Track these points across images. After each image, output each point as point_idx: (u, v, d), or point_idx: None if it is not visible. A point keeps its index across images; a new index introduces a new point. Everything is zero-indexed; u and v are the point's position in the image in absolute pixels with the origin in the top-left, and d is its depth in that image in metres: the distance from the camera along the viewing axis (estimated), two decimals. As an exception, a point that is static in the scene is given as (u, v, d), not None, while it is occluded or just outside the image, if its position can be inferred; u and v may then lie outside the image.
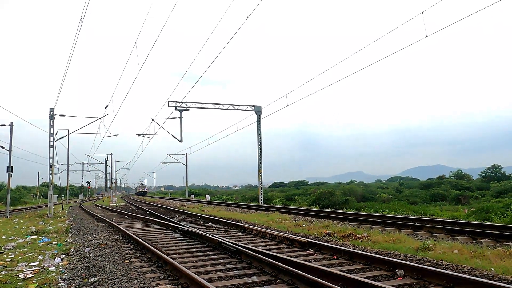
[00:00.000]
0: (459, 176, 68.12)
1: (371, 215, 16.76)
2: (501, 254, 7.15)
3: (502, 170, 64.72)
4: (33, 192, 74.52)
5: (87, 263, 7.95)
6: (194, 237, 10.98)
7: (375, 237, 9.82)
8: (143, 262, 7.79)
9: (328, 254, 8.00)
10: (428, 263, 6.78)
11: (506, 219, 15.44)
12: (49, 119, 26.46)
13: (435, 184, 56.17)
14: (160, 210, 25.83)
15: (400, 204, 32.21)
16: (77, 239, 12.18)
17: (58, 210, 31.88)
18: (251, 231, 12.01)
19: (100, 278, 6.52)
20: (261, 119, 35.01)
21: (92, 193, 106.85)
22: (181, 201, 42.68)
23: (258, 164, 35.09)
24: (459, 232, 10.59)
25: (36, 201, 62.53)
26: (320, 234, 10.94)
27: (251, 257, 7.23)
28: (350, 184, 66.66)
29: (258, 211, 22.01)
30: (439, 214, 22.33)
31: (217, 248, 8.98)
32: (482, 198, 40.44)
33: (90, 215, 23.72)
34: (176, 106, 31.34)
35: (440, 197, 44.76)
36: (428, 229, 11.48)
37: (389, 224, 13.01)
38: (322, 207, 33.98)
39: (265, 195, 39.74)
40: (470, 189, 50.54)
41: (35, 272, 7.53)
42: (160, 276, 6.50)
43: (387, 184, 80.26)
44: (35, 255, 9.47)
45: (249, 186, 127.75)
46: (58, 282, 6.55)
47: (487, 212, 19.75)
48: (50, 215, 25.38)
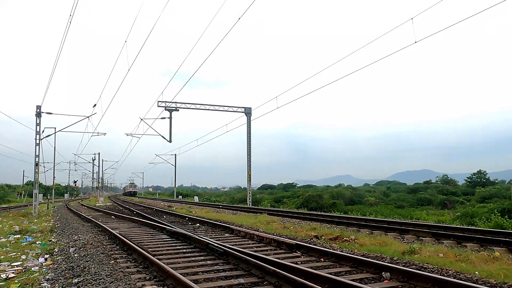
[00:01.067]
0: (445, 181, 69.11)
1: (358, 218, 16.86)
2: (485, 258, 7.25)
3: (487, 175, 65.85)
4: (18, 191, 73.20)
5: (72, 263, 7.83)
6: (181, 238, 10.89)
7: (362, 240, 9.87)
8: (129, 263, 7.70)
9: (315, 256, 8.01)
10: (414, 266, 6.84)
11: (491, 224, 15.67)
12: (36, 117, 26.06)
13: (421, 189, 56.87)
14: (148, 211, 25.59)
15: (387, 208, 32.51)
16: (62, 239, 11.99)
17: (43, 210, 31.35)
18: (238, 233, 11.98)
19: (85, 278, 6.42)
20: (251, 121, 35.03)
21: (79, 193, 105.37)
22: (169, 202, 42.35)
23: (247, 165, 35.08)
24: (445, 236, 10.71)
25: (20, 200, 61.39)
26: (308, 237, 10.96)
27: (238, 259, 7.20)
28: (338, 188, 67.02)
29: (246, 212, 21.97)
30: (425, 218, 22.56)
31: (204, 249, 8.92)
32: (467, 203, 41.03)
33: (76, 214, 23.38)
34: (166, 106, 31.15)
35: (426, 202, 45.30)
36: (414, 232, 11.60)
37: (376, 227, 13.10)
38: (310, 209, 34.09)
39: (253, 197, 39.70)
40: (456, 194, 51.26)
41: (18, 272, 7.38)
42: (146, 277, 6.43)
43: (375, 188, 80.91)
44: (18, 255, 9.29)
45: (238, 188, 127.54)
46: (41, 282, 6.43)
47: (472, 217, 20.04)
48: (34, 214, 24.95)
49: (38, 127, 26.14)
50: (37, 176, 26.80)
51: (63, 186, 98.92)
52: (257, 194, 53.55)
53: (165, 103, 31.04)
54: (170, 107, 31.31)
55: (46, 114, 26.93)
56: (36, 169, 26.40)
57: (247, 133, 34.93)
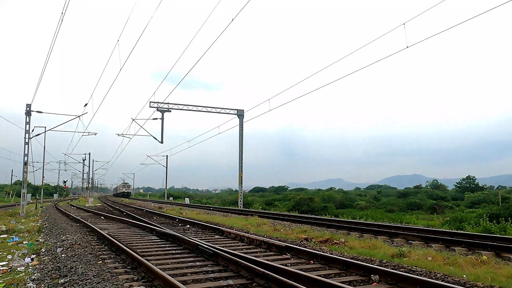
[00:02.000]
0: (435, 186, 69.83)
1: (348, 222, 16.91)
2: (473, 261, 7.31)
3: (476, 181, 66.65)
4: (6, 190, 72.17)
5: (58, 263, 7.72)
6: (170, 239, 10.81)
7: (352, 243, 9.89)
8: (117, 263, 7.61)
9: (305, 258, 8.00)
10: (403, 269, 6.87)
11: (479, 228, 15.83)
12: (26, 115, 25.74)
13: (411, 193, 57.36)
14: (138, 212, 25.39)
15: (378, 211, 32.71)
16: (50, 239, 11.82)
17: (31, 209, 30.95)
18: (229, 235, 11.93)
19: (71, 278, 6.32)
20: (243, 123, 34.98)
21: (68, 193, 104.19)
22: (159, 203, 42.09)
23: (239, 168, 35.01)
24: (434, 239, 10.78)
25: (8, 200, 60.54)
26: (298, 239, 10.95)
27: (228, 260, 7.16)
28: (329, 191, 67.29)
29: (237, 215, 21.93)
30: (415, 222, 22.74)
31: (194, 250, 8.86)
32: (456, 208, 41.47)
33: (65, 215, 23.10)
34: (158, 107, 30.96)
35: (416, 206, 45.71)
36: (403, 236, 11.65)
37: (366, 230, 13.15)
38: (301, 212, 34.14)
39: (245, 200, 39.64)
40: (445, 199, 51.83)
41: (3, 272, 7.26)
42: (134, 278, 6.36)
43: (365, 192, 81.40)
44: (4, 255, 9.14)
45: (229, 190, 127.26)
46: (27, 282, 6.32)
47: (461, 221, 20.27)
48: (22, 214, 24.61)
49: (28, 125, 25.82)
50: (25, 176, 26.45)
51: (52, 186, 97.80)
52: (248, 197, 53.52)
53: (157, 103, 30.86)
54: (162, 108, 31.13)
55: (36, 113, 26.63)
56: (24, 169, 26.05)
57: (239, 135, 34.89)
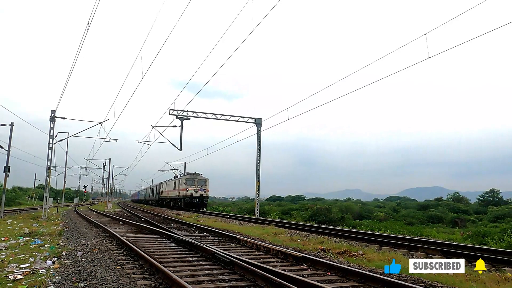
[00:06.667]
0: (457, 199, 67.97)
1: (367, 233, 16.66)
2: (497, 278, 7.09)
3: (500, 195, 64.58)
4: (29, 194, 74.08)
5: (79, 267, 7.87)
6: (187, 247, 10.88)
7: (370, 255, 9.73)
8: (135, 269, 7.71)
9: (322, 270, 7.92)
10: (423, 284, 6.71)
11: (503, 244, 15.35)
12: (50, 121, 26.49)
13: (432, 206, 55.94)
14: (155, 218, 25.64)
15: (397, 224, 32.04)
16: (70, 242, 12.08)
17: (52, 213, 31.66)
18: (245, 243, 11.91)
19: (91, 282, 6.44)
20: (261, 132, 35.06)
21: (88, 198, 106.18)
22: (176, 210, 42.39)
23: (256, 176, 34.99)
24: (455, 254, 10.49)
25: (31, 203, 62.12)
26: (315, 250, 10.85)
27: (244, 269, 7.16)
28: (347, 202, 66.38)
29: (253, 223, 21.87)
30: (436, 235, 22.20)
31: (211, 258, 8.89)
32: (479, 222, 40.23)
33: (85, 219, 23.55)
34: (177, 115, 31.36)
35: (437, 219, 44.54)
36: (423, 250, 11.40)
37: (385, 243, 12.92)
38: (318, 223, 33.78)
39: (261, 208, 39.51)
40: (467, 213, 50.32)
41: (25, 274, 7.44)
42: (151, 284, 6.43)
43: (384, 203, 79.91)
44: (27, 257, 9.38)
45: (246, 198, 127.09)
46: (48, 285, 6.47)
47: (483, 236, 19.66)
48: (44, 217, 25.20)
49: (52, 131, 26.54)
50: (48, 180, 27.12)
51: (73, 191, 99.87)
52: (265, 206, 53.31)
53: (176, 111, 31.28)
54: (182, 115, 31.52)
55: (60, 119, 27.36)
56: (47, 173, 26.73)
57: (257, 144, 34.94)
